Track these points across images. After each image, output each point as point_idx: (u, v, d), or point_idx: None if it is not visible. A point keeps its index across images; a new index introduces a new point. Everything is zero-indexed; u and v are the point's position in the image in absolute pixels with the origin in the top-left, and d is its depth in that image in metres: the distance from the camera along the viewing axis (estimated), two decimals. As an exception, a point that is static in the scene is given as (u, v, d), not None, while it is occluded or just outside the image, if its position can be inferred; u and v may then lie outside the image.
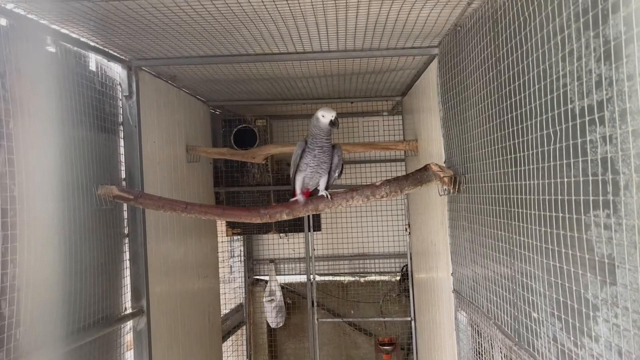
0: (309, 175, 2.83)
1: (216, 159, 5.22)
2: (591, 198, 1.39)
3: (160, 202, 2.88)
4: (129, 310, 3.27)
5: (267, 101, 5.31)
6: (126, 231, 3.32)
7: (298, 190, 2.87)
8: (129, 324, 3.27)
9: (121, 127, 3.34)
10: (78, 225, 2.71)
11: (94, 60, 3.03)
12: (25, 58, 2.39)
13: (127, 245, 3.33)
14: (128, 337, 3.29)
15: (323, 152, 2.77)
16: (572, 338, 1.57)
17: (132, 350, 3.31)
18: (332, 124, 2.70)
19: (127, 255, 3.32)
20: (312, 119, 2.76)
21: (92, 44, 2.96)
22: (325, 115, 2.69)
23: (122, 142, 3.34)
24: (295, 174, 2.87)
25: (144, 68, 3.51)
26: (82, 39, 2.86)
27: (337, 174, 2.91)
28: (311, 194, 2.96)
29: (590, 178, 1.39)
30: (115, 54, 3.22)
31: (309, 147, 2.78)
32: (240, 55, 3.45)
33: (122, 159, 3.33)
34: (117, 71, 3.31)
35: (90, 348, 2.80)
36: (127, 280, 3.31)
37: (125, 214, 3.32)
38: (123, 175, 3.33)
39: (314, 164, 2.79)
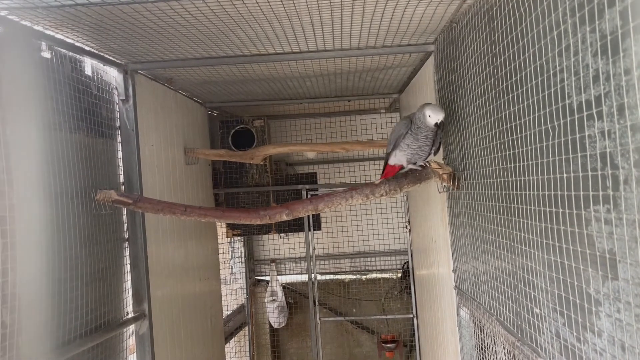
0: (408, 155, 2.77)
1: (214, 160, 5.21)
2: (591, 193, 1.39)
3: (159, 205, 2.87)
4: (130, 315, 3.27)
5: (264, 101, 5.31)
6: (126, 235, 3.32)
7: (405, 163, 2.80)
8: (131, 328, 3.27)
9: (118, 131, 3.33)
10: (77, 231, 2.71)
11: (89, 65, 3.02)
12: (20, 64, 2.38)
13: (127, 249, 3.32)
14: (130, 341, 3.29)
15: (427, 139, 2.67)
16: (574, 333, 1.57)
17: (135, 354, 3.30)
18: (437, 126, 2.56)
19: (127, 260, 3.31)
20: (419, 111, 2.62)
21: (88, 48, 2.95)
22: (431, 116, 2.55)
23: (119, 146, 3.33)
24: (394, 151, 2.77)
25: (140, 71, 3.50)
26: (77, 44, 2.85)
27: (433, 150, 2.81)
28: (401, 169, 2.91)
29: (590, 173, 1.39)
30: (110, 58, 3.21)
31: (412, 131, 2.65)
32: (236, 57, 3.44)
33: (120, 163, 3.32)
34: (113, 75, 3.30)
35: (93, 353, 2.79)
36: (128, 285, 3.30)
37: (125, 218, 3.31)
38: (121, 179, 3.32)
39: (415, 147, 2.70)
